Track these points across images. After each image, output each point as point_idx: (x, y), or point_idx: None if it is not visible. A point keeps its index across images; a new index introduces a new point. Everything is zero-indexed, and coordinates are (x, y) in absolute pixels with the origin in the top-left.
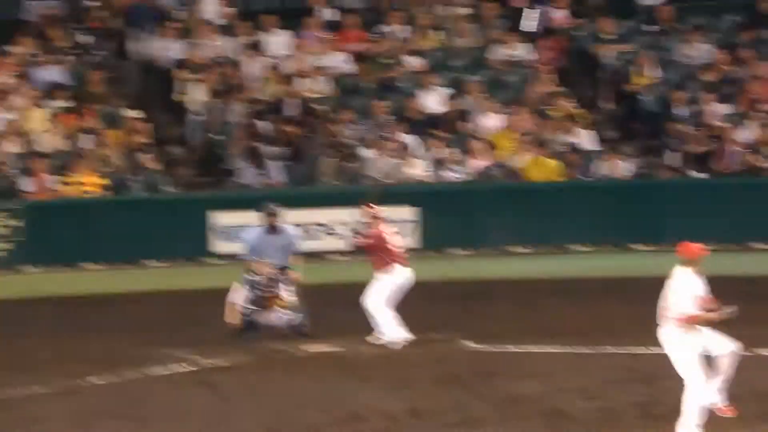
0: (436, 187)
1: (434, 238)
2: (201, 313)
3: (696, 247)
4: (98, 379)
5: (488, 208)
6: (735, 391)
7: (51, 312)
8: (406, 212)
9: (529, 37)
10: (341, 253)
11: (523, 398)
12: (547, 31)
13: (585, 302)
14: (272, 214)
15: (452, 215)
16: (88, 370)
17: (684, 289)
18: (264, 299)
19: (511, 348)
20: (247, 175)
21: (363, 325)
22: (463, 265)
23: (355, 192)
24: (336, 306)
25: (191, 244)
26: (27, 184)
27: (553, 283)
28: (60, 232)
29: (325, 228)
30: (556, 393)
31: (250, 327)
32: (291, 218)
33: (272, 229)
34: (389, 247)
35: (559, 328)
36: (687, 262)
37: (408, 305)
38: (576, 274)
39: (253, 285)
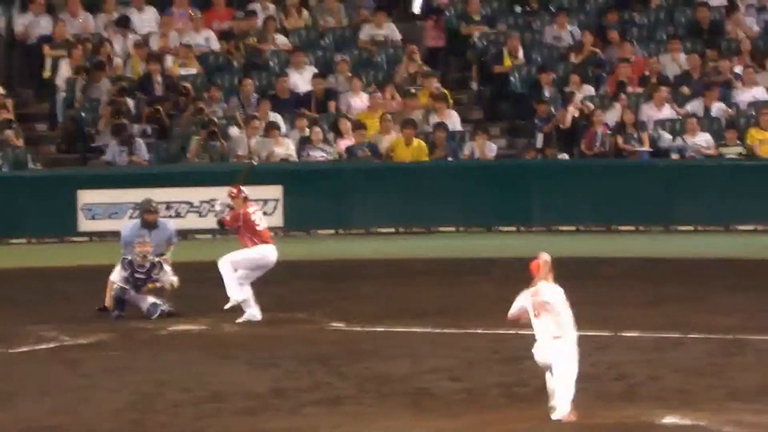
0: (303, 166)
1: (300, 218)
2: (66, 290)
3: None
4: None
5: (355, 187)
6: (600, 371)
7: None
8: (272, 191)
9: (413, 18)
10: (207, 231)
11: (388, 378)
12: (429, 11)
13: (452, 283)
14: (151, 211)
15: (318, 194)
16: None
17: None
18: (142, 281)
19: (378, 328)
20: (113, 153)
21: (225, 303)
22: (330, 245)
23: (222, 170)
24: (201, 284)
25: (58, 221)
26: None
27: (420, 263)
28: None
29: (191, 206)
30: (421, 373)
31: (118, 305)
32: (157, 197)
33: (151, 225)
34: (254, 226)
35: (426, 308)
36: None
37: (273, 284)
38: (443, 255)
39: (131, 266)
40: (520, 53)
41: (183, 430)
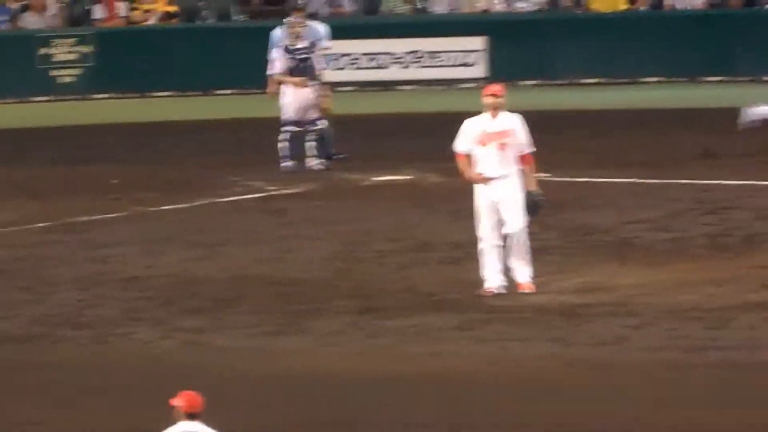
0: (507, 17)
1: (504, 69)
2: (271, 142)
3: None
4: (167, 204)
5: (559, 38)
6: None
7: (120, 139)
8: (475, 42)
9: None
10: (409, 83)
11: (592, 228)
12: None
13: (655, 133)
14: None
15: (522, 45)
16: (157, 196)
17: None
18: (303, 60)
19: (581, 179)
20: (317, 4)
21: (431, 154)
22: (533, 96)
23: (423, 22)
24: (403, 135)
25: (262, 73)
26: (98, 11)
27: (623, 114)
28: (131, 60)
29: (394, 57)
30: (625, 223)
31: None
32: (360, 48)
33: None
34: None
35: (630, 159)
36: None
37: None
38: (647, 105)
39: (288, 50)
40: None
41: (388, 279)
